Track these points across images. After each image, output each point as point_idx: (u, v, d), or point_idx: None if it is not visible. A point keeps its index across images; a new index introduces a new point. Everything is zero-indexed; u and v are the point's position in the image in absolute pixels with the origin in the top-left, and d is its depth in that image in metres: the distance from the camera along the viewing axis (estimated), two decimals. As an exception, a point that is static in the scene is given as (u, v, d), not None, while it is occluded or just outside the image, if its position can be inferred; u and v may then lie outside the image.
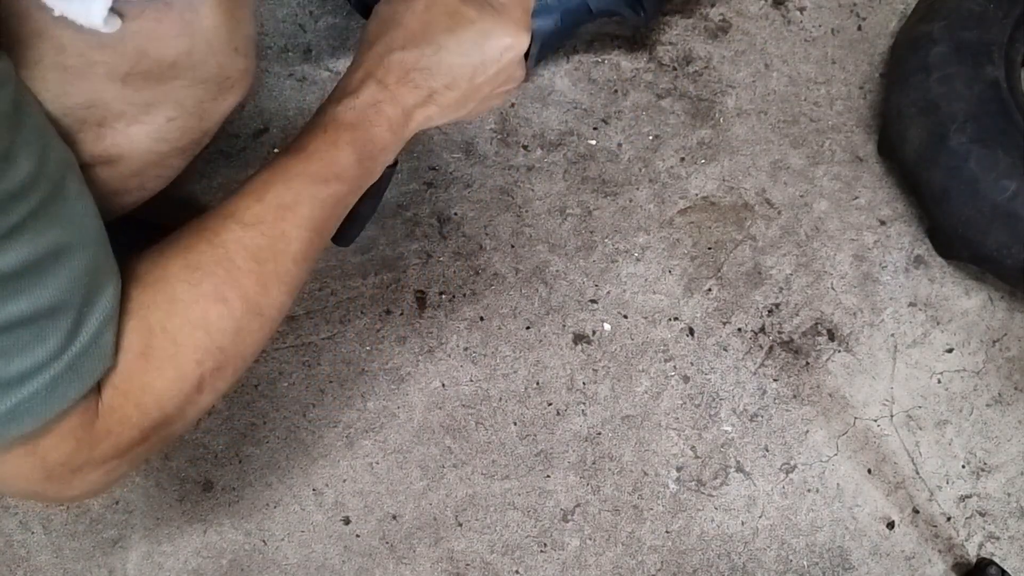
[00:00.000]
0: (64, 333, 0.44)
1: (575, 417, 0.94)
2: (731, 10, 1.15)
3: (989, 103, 0.95)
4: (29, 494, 0.50)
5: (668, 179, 1.05)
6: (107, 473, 0.51)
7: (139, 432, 0.50)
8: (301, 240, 0.53)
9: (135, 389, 0.49)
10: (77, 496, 0.51)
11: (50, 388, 0.44)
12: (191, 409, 0.52)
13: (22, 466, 0.47)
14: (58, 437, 0.47)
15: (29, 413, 0.44)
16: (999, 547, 0.92)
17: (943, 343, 0.99)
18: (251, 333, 0.53)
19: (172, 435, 0.53)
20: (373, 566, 0.88)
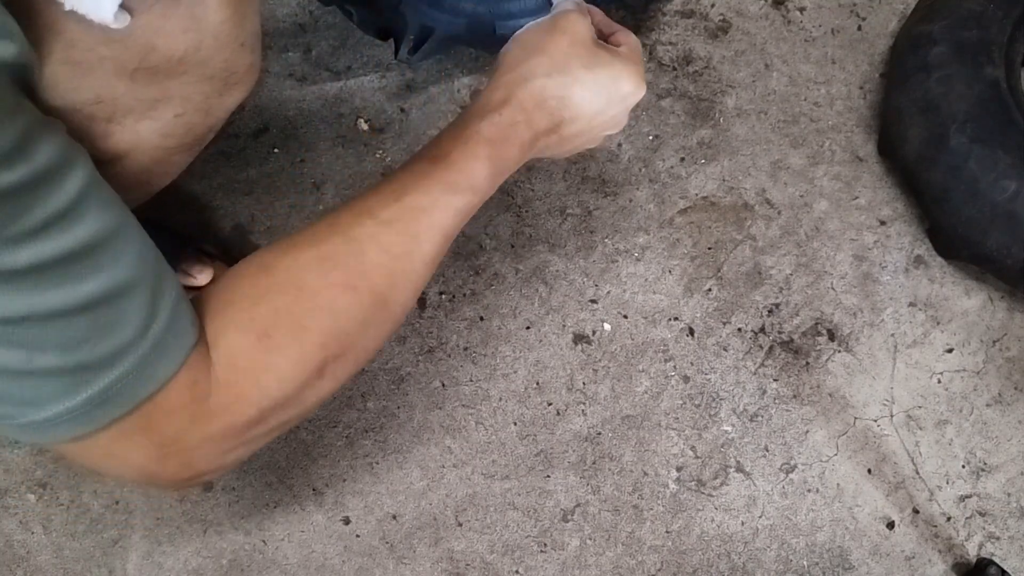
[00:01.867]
0: (144, 311, 0.45)
1: (575, 417, 0.94)
2: (731, 10, 1.15)
3: (989, 103, 0.95)
4: (147, 474, 0.49)
5: (668, 179, 1.05)
6: (224, 453, 0.50)
7: (257, 411, 0.49)
8: (432, 243, 0.54)
9: (255, 368, 0.49)
10: (194, 475, 0.50)
11: (140, 366, 0.44)
12: (310, 394, 0.52)
13: (136, 444, 0.47)
14: (168, 412, 0.47)
15: (124, 394, 0.44)
16: (999, 547, 0.92)
17: (943, 343, 0.99)
18: (376, 326, 0.53)
19: (289, 421, 0.52)
20: (373, 566, 0.88)
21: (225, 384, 0.48)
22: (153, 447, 0.47)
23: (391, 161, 1.05)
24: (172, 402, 0.47)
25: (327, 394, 0.54)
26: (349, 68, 1.10)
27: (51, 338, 0.41)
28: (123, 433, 0.46)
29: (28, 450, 0.90)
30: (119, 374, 0.44)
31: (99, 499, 0.88)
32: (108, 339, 0.43)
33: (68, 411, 0.43)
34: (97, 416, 0.45)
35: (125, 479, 0.52)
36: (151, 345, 0.45)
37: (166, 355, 0.46)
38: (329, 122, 1.07)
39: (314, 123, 1.07)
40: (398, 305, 0.54)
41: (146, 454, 0.48)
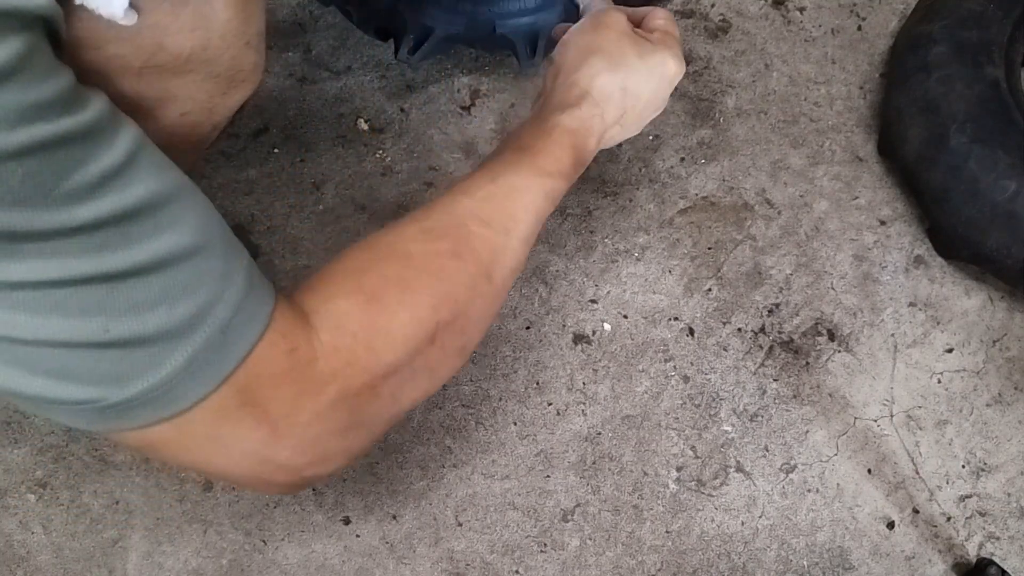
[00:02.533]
0: (218, 273, 0.43)
1: (575, 417, 0.94)
2: (731, 10, 1.15)
3: (989, 103, 0.95)
4: (260, 460, 0.45)
5: (668, 179, 1.05)
6: (341, 433, 0.47)
7: (369, 377, 0.47)
8: (527, 223, 0.55)
9: (364, 330, 0.47)
10: (312, 463, 0.47)
11: (225, 329, 0.42)
12: (422, 363, 0.50)
13: (241, 422, 0.44)
14: (270, 382, 0.44)
15: (212, 362, 0.42)
16: (999, 547, 0.92)
17: (943, 343, 0.99)
18: (483, 297, 0.52)
19: (402, 397, 0.50)
20: (373, 566, 0.88)
21: (333, 349, 0.46)
22: (261, 424, 0.44)
23: (391, 161, 1.05)
24: (272, 370, 0.44)
25: (438, 368, 0.52)
26: (349, 68, 1.10)
27: (124, 301, 0.39)
28: (224, 409, 0.43)
29: (28, 450, 0.90)
30: (203, 339, 0.42)
31: (99, 499, 0.88)
32: (185, 302, 0.41)
33: (156, 386, 0.41)
34: (189, 389, 0.42)
35: (236, 475, 0.47)
36: (232, 307, 0.43)
37: (250, 317, 0.44)
38: (329, 122, 1.07)
39: (314, 123, 1.07)
40: (500, 280, 0.54)
41: (255, 434, 0.44)
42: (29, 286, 0.37)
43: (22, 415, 0.91)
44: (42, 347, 0.38)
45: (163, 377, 0.41)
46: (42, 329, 0.38)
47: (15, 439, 0.90)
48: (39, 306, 0.37)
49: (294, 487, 0.49)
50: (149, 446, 0.45)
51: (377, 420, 0.50)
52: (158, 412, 0.42)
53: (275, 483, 0.48)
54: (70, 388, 0.40)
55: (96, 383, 0.40)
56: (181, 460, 0.47)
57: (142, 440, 0.44)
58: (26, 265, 0.36)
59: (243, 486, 0.51)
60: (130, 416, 0.42)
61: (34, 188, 0.36)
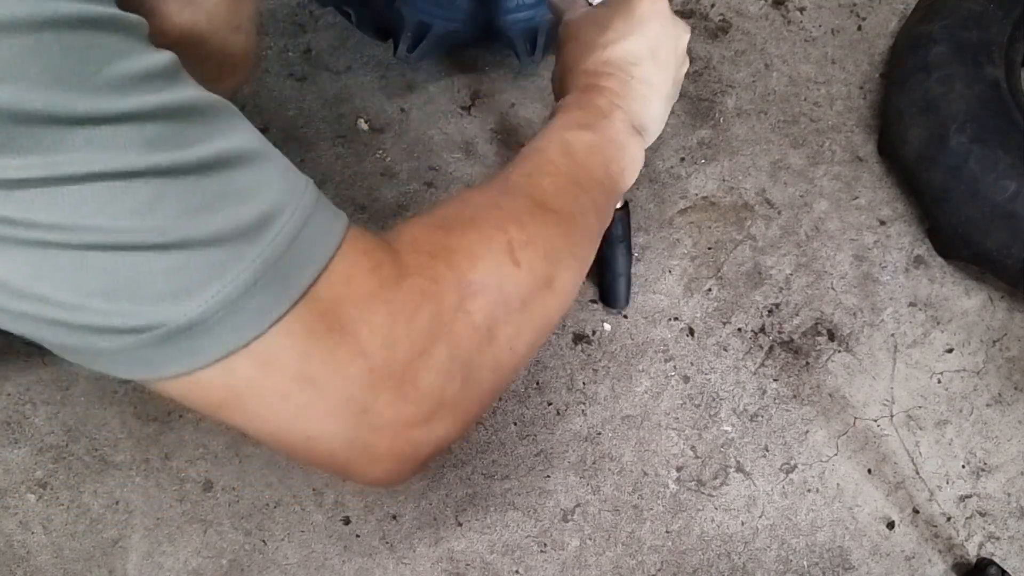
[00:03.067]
0: (282, 178, 0.40)
1: (575, 417, 0.94)
2: (731, 10, 1.15)
3: (989, 103, 0.95)
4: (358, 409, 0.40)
5: (668, 179, 1.05)
6: (446, 376, 0.42)
7: (457, 295, 0.43)
8: (567, 165, 0.55)
9: (440, 248, 0.45)
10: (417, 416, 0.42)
11: (296, 234, 0.38)
12: (512, 287, 0.46)
13: (336, 353, 0.39)
14: (357, 302, 0.40)
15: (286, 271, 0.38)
16: (999, 547, 0.92)
17: (943, 343, 0.99)
18: (546, 223, 0.50)
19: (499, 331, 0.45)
20: (373, 566, 0.88)
21: (416, 266, 0.43)
22: (355, 357, 0.39)
23: (391, 161, 1.05)
24: (358, 289, 0.40)
25: (531, 300, 0.47)
26: (349, 68, 1.10)
27: (180, 200, 0.36)
28: (312, 332, 0.38)
29: (28, 450, 0.90)
30: (273, 245, 0.37)
31: (99, 499, 0.88)
32: (248, 205, 0.37)
33: (223, 301, 0.36)
34: (263, 305, 0.37)
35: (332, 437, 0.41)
36: (302, 217, 0.39)
37: (324, 230, 0.40)
38: (329, 122, 1.07)
39: (314, 123, 1.07)
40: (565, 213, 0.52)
41: (350, 367, 0.39)
42: (75, 179, 0.33)
43: (22, 415, 0.91)
44: (90, 252, 0.34)
45: (231, 289, 0.36)
46: (90, 231, 0.34)
47: (15, 439, 0.90)
48: (86, 202, 0.34)
49: (400, 463, 0.43)
50: (226, 398, 0.39)
51: (481, 365, 0.45)
52: (231, 337, 0.37)
53: (378, 453, 0.42)
54: (125, 308, 0.35)
55: (153, 301, 0.35)
56: (265, 417, 0.40)
57: (217, 387, 0.38)
58: (70, 156, 0.33)
59: (340, 462, 0.42)
60: (198, 347, 0.37)
61: (75, 66, 0.34)
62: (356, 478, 0.43)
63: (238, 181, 0.38)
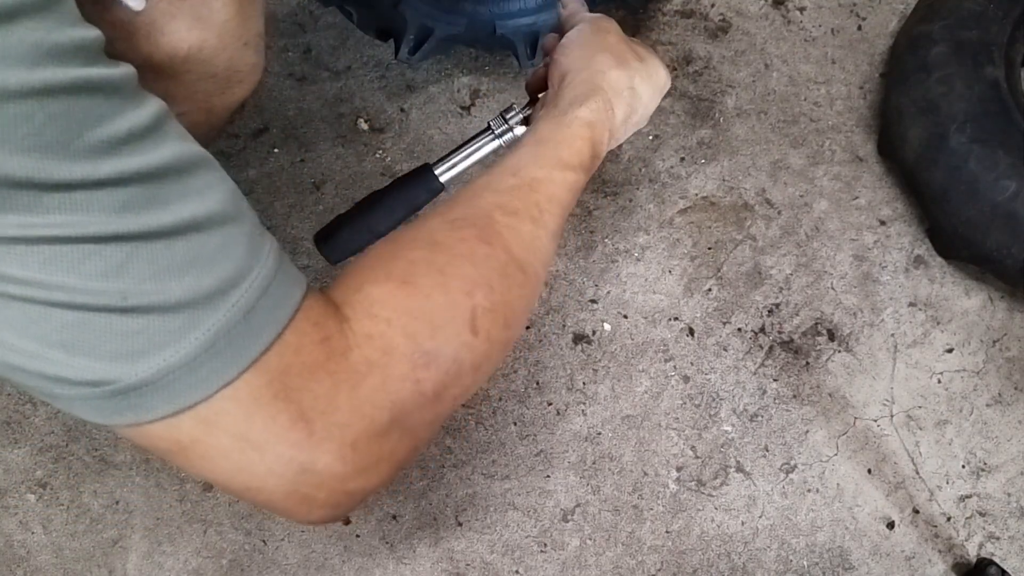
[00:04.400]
0: (246, 247, 0.40)
1: (575, 417, 0.94)
2: (731, 10, 1.15)
3: (989, 103, 0.95)
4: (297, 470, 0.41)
5: (668, 179, 1.05)
6: (382, 436, 0.43)
7: (408, 366, 0.43)
8: (552, 215, 0.54)
9: (399, 315, 0.44)
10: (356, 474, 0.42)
11: (252, 306, 0.39)
12: (466, 356, 0.46)
13: (275, 418, 0.40)
14: (304, 372, 0.41)
15: (239, 340, 0.39)
16: (999, 547, 0.92)
17: (943, 343, 0.99)
18: (518, 286, 0.50)
19: (446, 393, 0.45)
20: (373, 566, 0.88)
21: (367, 338, 0.43)
22: (296, 423, 0.40)
23: (391, 161, 1.05)
24: (304, 360, 0.41)
25: (483, 363, 0.48)
26: (349, 68, 1.10)
27: (146, 265, 0.37)
28: (256, 400, 0.40)
29: (28, 450, 0.90)
30: (228, 316, 0.39)
31: (99, 499, 0.88)
32: (211, 273, 0.39)
33: (175, 365, 0.38)
34: (213, 372, 0.38)
35: (270, 490, 0.42)
36: (260, 287, 0.40)
37: (279, 300, 0.41)
38: (329, 122, 1.07)
39: (314, 123, 1.07)
40: (532, 272, 0.51)
41: (290, 434, 0.40)
42: (46, 240, 0.35)
43: (22, 415, 0.91)
44: (55, 308, 0.36)
45: (184, 354, 0.38)
46: (58, 289, 0.36)
47: (15, 439, 0.90)
48: (56, 262, 0.35)
49: (336, 509, 0.44)
50: (171, 449, 0.41)
51: (421, 422, 0.45)
52: (179, 398, 0.38)
53: (316, 503, 0.43)
54: (81, 363, 0.37)
55: (110, 358, 0.37)
56: (208, 469, 0.42)
57: (163, 439, 0.40)
58: (46, 219, 0.35)
59: (279, 509, 0.44)
60: (147, 404, 0.38)
61: (57, 134, 0.35)
62: (296, 520, 0.45)
63: (206, 246, 0.39)
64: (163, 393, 0.38)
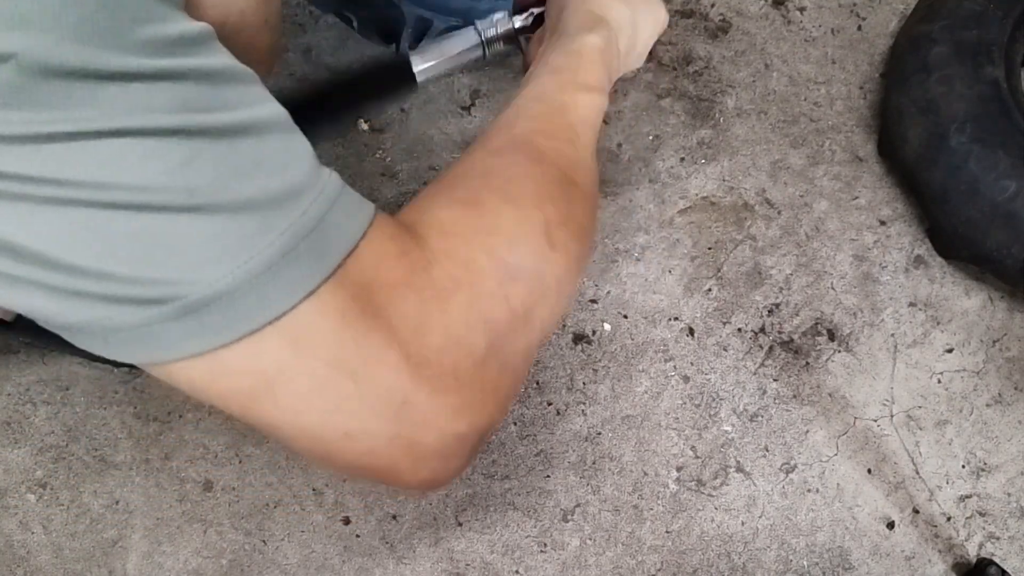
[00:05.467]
0: (312, 158, 0.39)
1: (575, 417, 0.94)
2: (731, 10, 1.15)
3: (989, 103, 0.95)
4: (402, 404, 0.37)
5: (668, 179, 1.05)
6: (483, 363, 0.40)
7: (494, 282, 0.41)
8: (586, 135, 0.53)
9: (474, 231, 0.42)
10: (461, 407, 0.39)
11: (325, 209, 0.37)
12: (549, 269, 0.44)
13: (370, 337, 0.36)
14: (389, 286, 0.38)
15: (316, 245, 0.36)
16: (999, 547, 0.92)
17: (943, 343, 0.99)
18: (578, 199, 0.48)
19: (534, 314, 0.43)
20: (373, 566, 0.88)
21: (445, 253, 0.40)
22: (390, 343, 0.37)
23: (391, 161, 1.05)
24: (387, 275, 0.38)
25: (564, 280, 0.45)
26: (349, 68, 1.10)
27: (211, 162, 0.34)
28: (344, 315, 0.36)
29: (28, 450, 0.90)
30: (303, 217, 0.36)
31: (99, 499, 0.88)
32: (279, 176, 0.36)
33: (255, 270, 0.34)
34: (294, 278, 0.35)
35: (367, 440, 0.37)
36: (329, 192, 0.38)
37: (349, 208, 0.38)
38: (329, 122, 1.07)
39: (314, 123, 1.07)
40: (587, 188, 0.50)
41: (387, 356, 0.36)
42: (104, 135, 0.32)
43: (22, 415, 0.91)
44: (116, 211, 0.32)
45: (261, 259, 0.34)
46: (117, 188, 0.32)
47: (15, 439, 0.90)
48: (115, 159, 0.32)
49: (448, 461, 0.40)
50: (253, 387, 0.36)
51: (515, 350, 0.42)
52: (260, 310, 0.34)
53: (425, 451, 0.39)
54: (145, 275, 0.33)
55: (179, 269, 0.33)
56: (298, 411, 0.37)
57: (244, 372, 0.36)
58: (100, 111, 0.32)
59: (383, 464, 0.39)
60: (224, 321, 0.34)
61: (110, 23, 0.32)
62: (402, 481, 0.41)
63: (270, 150, 0.36)
64: (240, 306, 0.34)
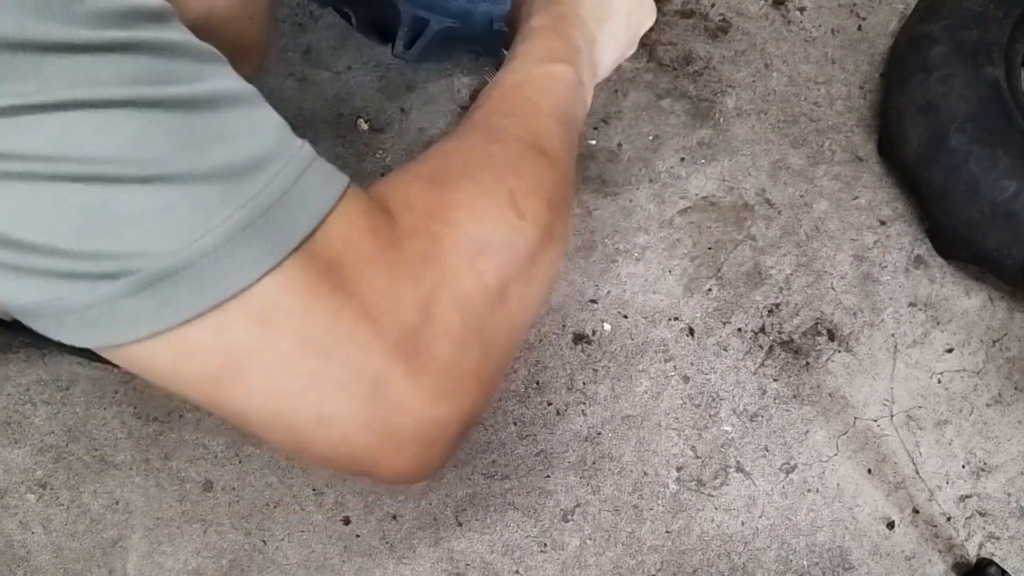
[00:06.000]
0: (280, 126, 0.37)
1: (575, 417, 0.94)
2: (731, 10, 1.15)
3: (989, 103, 0.95)
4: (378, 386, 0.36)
5: (668, 179, 1.05)
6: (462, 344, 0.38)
7: (463, 256, 0.40)
8: (550, 104, 0.52)
9: (437, 206, 0.41)
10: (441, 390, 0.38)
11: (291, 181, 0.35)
12: (518, 239, 0.43)
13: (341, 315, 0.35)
14: (358, 261, 0.36)
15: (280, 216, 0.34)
16: (999, 547, 0.92)
17: (943, 343, 0.99)
18: (546, 168, 0.47)
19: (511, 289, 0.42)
20: (373, 566, 0.88)
21: (412, 229, 0.39)
22: (362, 320, 0.35)
23: (391, 161, 1.05)
24: (357, 250, 0.37)
25: (540, 252, 0.44)
26: (349, 68, 1.10)
27: (168, 133, 0.32)
28: (313, 291, 0.34)
29: (28, 450, 0.90)
30: (265, 190, 0.34)
31: (99, 499, 0.88)
32: (240, 147, 0.34)
33: (213, 243, 0.32)
34: (256, 252, 0.33)
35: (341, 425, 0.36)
36: (296, 164, 0.36)
37: (317, 181, 0.36)
38: (329, 122, 1.07)
39: (314, 123, 1.07)
40: (555, 155, 0.49)
41: (358, 334, 0.35)
42: (51, 107, 0.31)
43: (22, 415, 0.91)
44: (65, 184, 0.31)
45: (219, 232, 0.32)
46: (66, 161, 0.31)
47: (15, 439, 0.90)
48: (63, 132, 0.31)
49: (429, 449, 0.39)
50: (220, 368, 0.34)
51: (496, 328, 0.41)
52: (218, 286, 0.33)
53: (403, 437, 0.37)
54: (98, 248, 0.31)
55: (132, 242, 0.32)
56: (271, 394, 0.35)
57: (210, 352, 0.34)
58: (47, 83, 0.30)
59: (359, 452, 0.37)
60: (181, 296, 0.32)
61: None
62: (380, 471, 0.39)
63: (230, 121, 0.35)
64: (199, 280, 0.32)
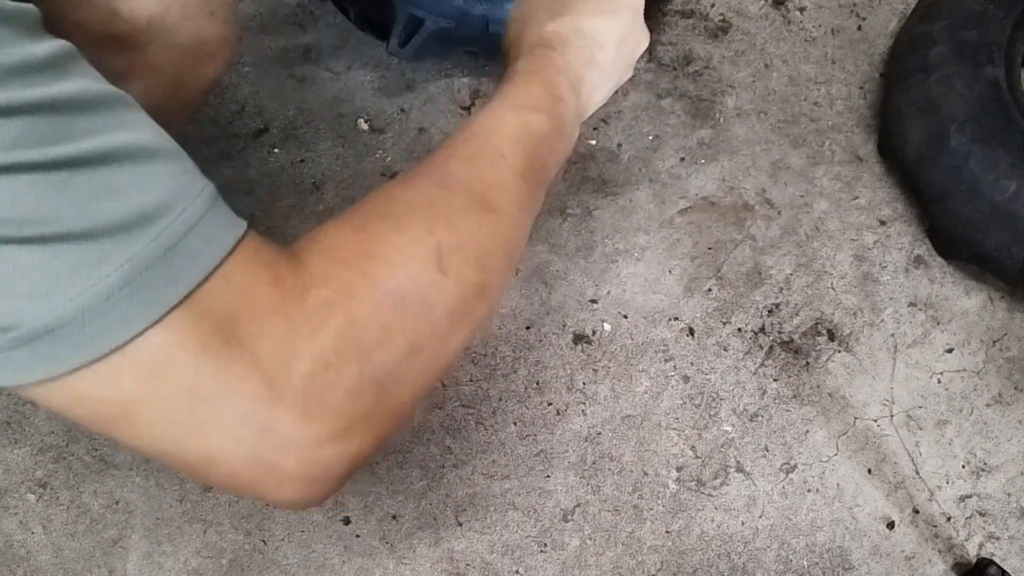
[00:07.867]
0: (175, 179, 0.36)
1: (575, 417, 0.94)
2: (731, 10, 1.15)
3: (989, 103, 0.95)
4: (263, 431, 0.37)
5: (668, 179, 1.05)
6: (357, 393, 0.39)
7: (372, 307, 0.40)
8: (516, 155, 0.50)
9: (356, 256, 0.41)
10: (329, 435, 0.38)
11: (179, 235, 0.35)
12: (437, 298, 0.42)
13: (231, 367, 0.36)
14: (256, 314, 0.37)
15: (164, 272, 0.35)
16: (999, 547, 0.92)
17: (943, 343, 0.99)
18: (487, 224, 0.46)
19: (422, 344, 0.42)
20: (373, 566, 0.88)
21: (324, 277, 0.39)
22: (251, 373, 0.36)
23: (391, 161, 1.05)
24: (255, 302, 0.37)
25: (458, 309, 0.43)
26: (349, 68, 1.10)
27: (50, 193, 0.32)
28: (204, 346, 0.35)
29: (28, 450, 0.90)
30: (149, 247, 0.34)
31: (99, 499, 0.88)
32: (123, 204, 0.34)
33: (89, 302, 0.33)
34: (135, 308, 0.34)
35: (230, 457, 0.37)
36: (187, 219, 0.35)
37: (210, 235, 0.36)
38: (329, 122, 1.07)
39: (314, 123, 1.07)
40: (504, 212, 0.48)
41: (246, 385, 0.36)
42: None
43: (22, 415, 0.91)
44: None
45: (97, 290, 0.33)
46: None
47: (15, 439, 0.90)
48: None
49: (311, 484, 0.40)
50: (112, 414, 0.36)
51: (401, 381, 0.41)
52: (99, 339, 0.33)
53: (285, 473, 0.38)
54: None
55: (11, 299, 0.32)
56: (157, 436, 0.37)
57: (102, 401, 0.35)
58: None
59: (244, 483, 0.39)
60: (60, 351, 0.33)
61: None
62: (266, 499, 0.40)
63: (119, 177, 0.34)
64: (77, 336, 0.33)
